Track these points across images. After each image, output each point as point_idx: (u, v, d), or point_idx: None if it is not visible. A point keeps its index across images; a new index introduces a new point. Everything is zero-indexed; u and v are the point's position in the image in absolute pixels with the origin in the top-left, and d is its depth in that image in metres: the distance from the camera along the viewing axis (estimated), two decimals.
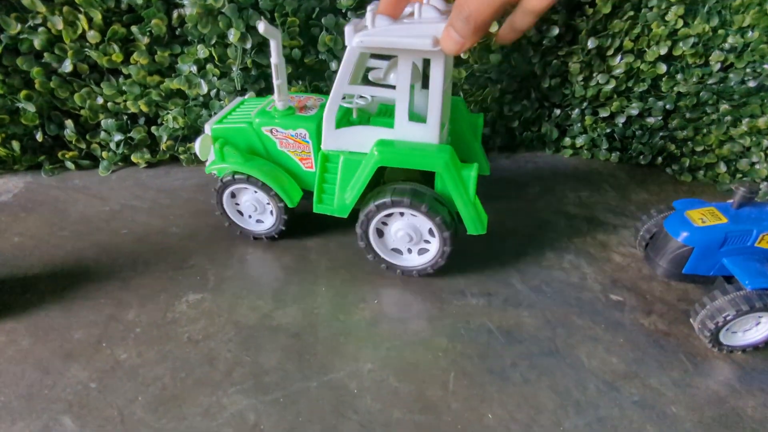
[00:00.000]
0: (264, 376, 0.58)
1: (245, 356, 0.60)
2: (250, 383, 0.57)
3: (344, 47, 0.86)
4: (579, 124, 1.05)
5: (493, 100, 0.97)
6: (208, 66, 0.84)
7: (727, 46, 0.95)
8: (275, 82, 0.67)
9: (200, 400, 0.56)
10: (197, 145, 0.71)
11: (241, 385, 0.57)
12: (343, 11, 0.84)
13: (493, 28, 0.83)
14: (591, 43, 0.96)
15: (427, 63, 0.62)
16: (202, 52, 0.82)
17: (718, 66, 0.97)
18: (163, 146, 0.91)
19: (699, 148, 1.03)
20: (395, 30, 0.55)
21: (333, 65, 0.88)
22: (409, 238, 0.69)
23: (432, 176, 0.68)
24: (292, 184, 0.72)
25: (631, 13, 0.94)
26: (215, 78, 0.86)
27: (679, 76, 0.99)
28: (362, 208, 0.68)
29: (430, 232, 0.69)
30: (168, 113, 0.88)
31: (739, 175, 1.01)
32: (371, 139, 0.66)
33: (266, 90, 0.90)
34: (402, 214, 0.68)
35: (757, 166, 0.99)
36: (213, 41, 0.82)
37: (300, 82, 0.89)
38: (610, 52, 0.99)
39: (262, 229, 0.77)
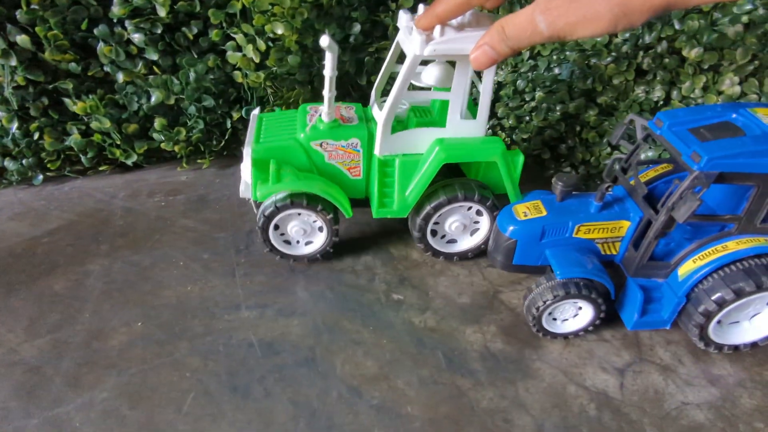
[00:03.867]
0: None
1: None
2: None
3: (127, 57, 0.84)
4: None
5: (306, 101, 0.95)
6: None
7: None
8: (327, 94, 0.66)
9: None
10: (248, 173, 0.68)
11: None
12: (115, 20, 0.81)
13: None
14: None
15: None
16: None
17: (528, 54, 0.99)
18: None
19: (524, 136, 1.04)
20: (463, 38, 0.60)
21: (120, 76, 0.85)
22: (464, 226, 0.76)
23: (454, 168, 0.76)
24: (344, 196, 0.71)
25: None
26: None
27: None
28: (418, 211, 0.73)
29: (478, 213, 0.76)
30: None
31: (562, 160, 1.04)
32: (424, 140, 0.70)
33: (51, 107, 0.86)
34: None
35: (575, 151, 1.01)
36: None
37: (90, 96, 0.85)
38: None
39: (314, 249, 0.75)
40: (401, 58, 0.70)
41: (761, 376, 0.62)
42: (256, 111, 0.77)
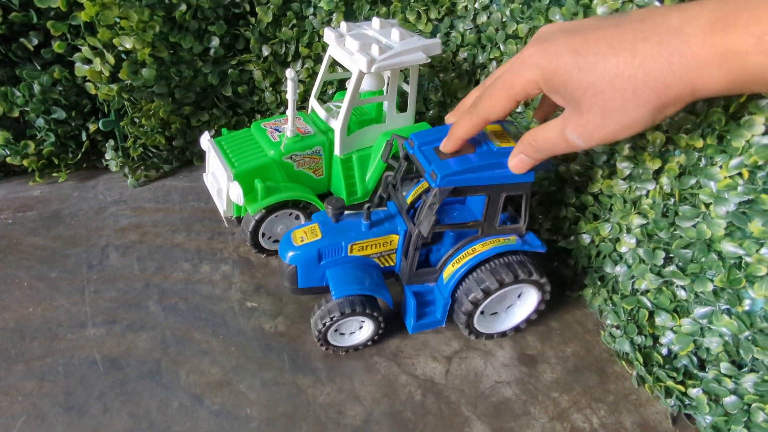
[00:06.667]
0: None
1: None
2: None
3: None
4: None
5: (172, 113, 0.95)
6: None
7: None
8: (290, 114, 0.79)
9: None
10: (239, 195, 0.76)
11: None
12: None
13: None
14: (265, 51, 0.99)
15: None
16: None
17: None
18: None
19: None
20: (397, 53, 0.75)
21: None
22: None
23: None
24: (314, 195, 0.83)
25: (295, 20, 0.98)
26: None
27: None
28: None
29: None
30: None
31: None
32: (371, 136, 0.86)
33: None
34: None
35: None
36: None
37: None
38: (290, 59, 1.02)
39: None
40: (333, 66, 0.89)
41: (563, 351, 0.73)
42: (206, 136, 0.84)
